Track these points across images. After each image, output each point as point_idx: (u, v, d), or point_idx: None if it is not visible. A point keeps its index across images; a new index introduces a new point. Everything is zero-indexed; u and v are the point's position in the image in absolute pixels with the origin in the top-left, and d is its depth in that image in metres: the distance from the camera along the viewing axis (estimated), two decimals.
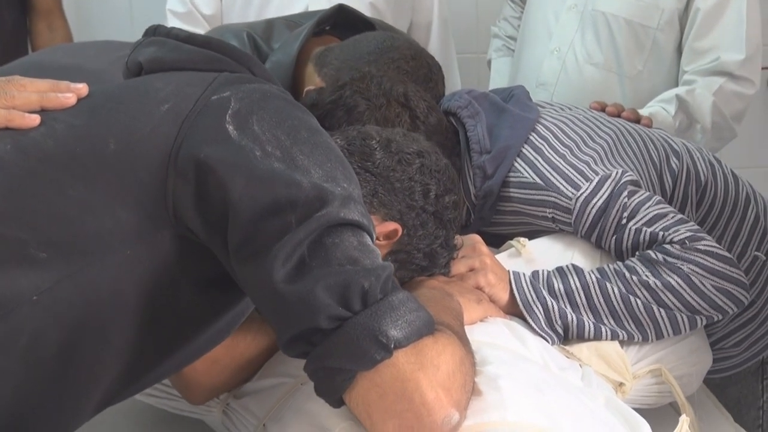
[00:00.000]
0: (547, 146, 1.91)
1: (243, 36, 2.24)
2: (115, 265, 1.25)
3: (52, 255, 1.22)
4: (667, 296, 1.76)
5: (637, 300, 1.76)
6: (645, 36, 2.60)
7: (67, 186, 1.25)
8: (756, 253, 2.12)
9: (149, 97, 1.31)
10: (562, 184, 1.86)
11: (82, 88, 1.34)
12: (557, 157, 1.89)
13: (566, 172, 1.87)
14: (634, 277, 1.77)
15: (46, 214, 1.24)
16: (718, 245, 1.80)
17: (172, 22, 2.79)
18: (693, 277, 1.76)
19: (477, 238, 1.83)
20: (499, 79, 2.92)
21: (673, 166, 2.04)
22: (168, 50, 1.40)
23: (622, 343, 1.79)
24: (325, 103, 1.81)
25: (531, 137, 1.94)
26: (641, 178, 1.93)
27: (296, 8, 2.72)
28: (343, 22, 2.28)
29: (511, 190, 1.92)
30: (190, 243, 1.28)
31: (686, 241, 1.78)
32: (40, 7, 2.93)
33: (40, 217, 1.24)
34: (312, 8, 2.68)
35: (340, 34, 2.27)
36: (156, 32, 1.44)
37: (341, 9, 2.27)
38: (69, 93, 1.33)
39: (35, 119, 1.30)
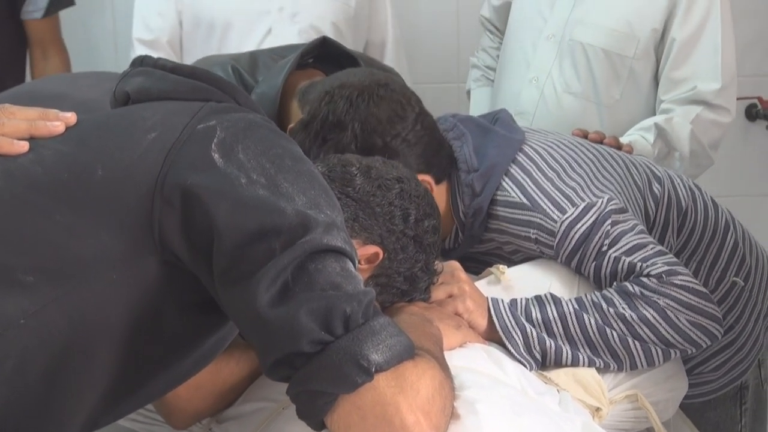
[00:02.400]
0: (535, 168, 1.93)
1: (228, 68, 2.26)
2: (101, 290, 1.26)
3: (39, 279, 1.24)
4: (642, 329, 1.78)
5: (613, 332, 1.78)
6: (622, 65, 2.62)
7: (55, 211, 1.26)
8: (734, 278, 2.14)
9: (136, 126, 1.33)
10: (548, 206, 1.88)
11: (71, 117, 1.36)
12: (545, 180, 1.91)
13: (553, 195, 1.89)
14: (611, 309, 1.79)
15: (34, 239, 1.25)
16: (694, 280, 1.83)
17: (139, 50, 2.83)
18: (668, 312, 1.78)
19: (456, 264, 1.85)
20: (478, 108, 2.92)
21: (656, 191, 2.06)
22: (155, 80, 1.42)
23: (598, 369, 1.80)
24: (318, 115, 1.86)
25: (518, 158, 1.96)
26: (627, 201, 1.95)
27: (258, 35, 2.77)
28: (327, 54, 2.30)
29: (498, 208, 1.94)
30: (176, 268, 1.30)
31: (663, 275, 1.80)
32: (34, 36, 2.94)
33: (27, 242, 1.25)
34: (275, 34, 2.73)
35: (324, 66, 2.30)
36: (143, 62, 1.46)
37: (325, 42, 2.30)
38: (57, 122, 1.35)
39: (24, 146, 1.31)
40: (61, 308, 1.24)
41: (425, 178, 1.88)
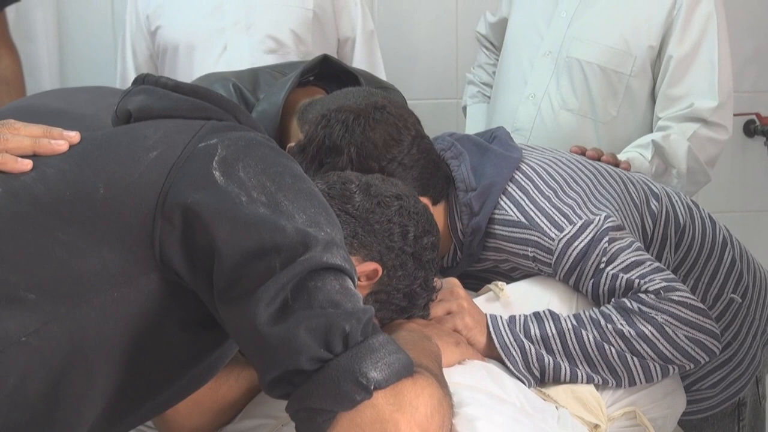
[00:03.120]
0: (532, 186, 1.94)
1: (229, 86, 2.27)
2: (102, 307, 1.27)
3: (41, 297, 1.24)
4: (640, 345, 1.79)
5: (612, 348, 1.79)
6: (618, 82, 2.62)
7: (57, 229, 1.27)
8: (732, 295, 2.15)
9: (138, 144, 1.34)
10: (546, 224, 1.89)
11: (74, 136, 1.37)
12: (542, 198, 1.92)
13: (551, 213, 1.90)
14: (609, 326, 1.79)
15: (36, 256, 1.26)
16: (692, 296, 1.83)
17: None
18: (666, 327, 1.79)
19: (455, 281, 1.86)
20: (474, 125, 2.93)
21: (653, 207, 2.07)
22: (156, 98, 1.42)
23: (597, 385, 1.81)
24: (315, 137, 1.86)
25: (516, 176, 1.96)
26: (625, 218, 1.96)
27: (215, 52, 2.79)
28: (327, 72, 2.31)
29: (495, 226, 1.95)
30: (176, 286, 1.30)
31: (661, 291, 1.80)
32: None
33: (29, 259, 1.26)
34: (231, 50, 2.77)
35: (325, 84, 2.31)
36: (145, 81, 1.47)
37: (326, 60, 2.31)
38: (61, 140, 1.35)
39: (27, 164, 1.32)
40: (63, 325, 1.25)
41: (422, 200, 1.88)
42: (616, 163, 2.30)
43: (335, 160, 1.83)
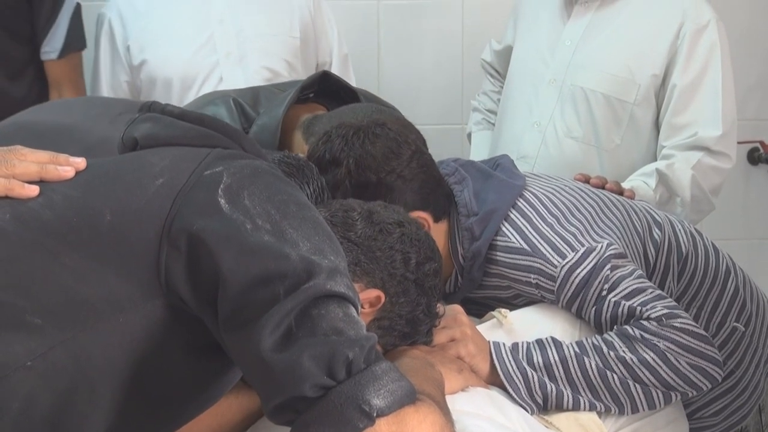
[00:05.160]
0: (535, 213, 1.95)
1: (230, 102, 2.28)
2: (107, 333, 1.28)
3: (47, 321, 1.25)
4: (643, 372, 1.79)
5: (614, 375, 1.79)
6: (622, 111, 2.63)
7: (64, 255, 1.28)
8: (735, 323, 2.15)
9: (144, 172, 1.35)
10: (548, 251, 1.90)
11: (80, 162, 1.38)
12: (545, 226, 1.93)
13: (553, 240, 1.91)
14: (612, 353, 1.80)
15: (42, 281, 1.27)
16: (694, 323, 1.84)
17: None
18: (669, 354, 1.79)
19: (458, 308, 1.87)
20: (479, 152, 2.94)
21: (656, 236, 2.07)
22: (163, 126, 1.44)
23: (599, 413, 1.81)
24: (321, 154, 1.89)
25: (518, 203, 1.97)
26: (627, 247, 1.97)
27: (210, 85, 2.81)
28: (327, 89, 2.32)
29: (498, 253, 1.95)
30: (182, 312, 1.31)
31: (663, 318, 1.81)
32: (52, 76, 2.99)
33: (36, 284, 1.27)
34: (226, 82, 2.79)
35: (325, 101, 2.32)
36: (151, 108, 1.48)
37: (325, 76, 2.32)
38: (68, 167, 1.37)
39: (34, 190, 1.33)
40: (68, 350, 1.26)
41: (422, 215, 1.90)
42: (620, 191, 2.30)
43: (334, 171, 1.85)
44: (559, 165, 2.62)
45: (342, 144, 1.88)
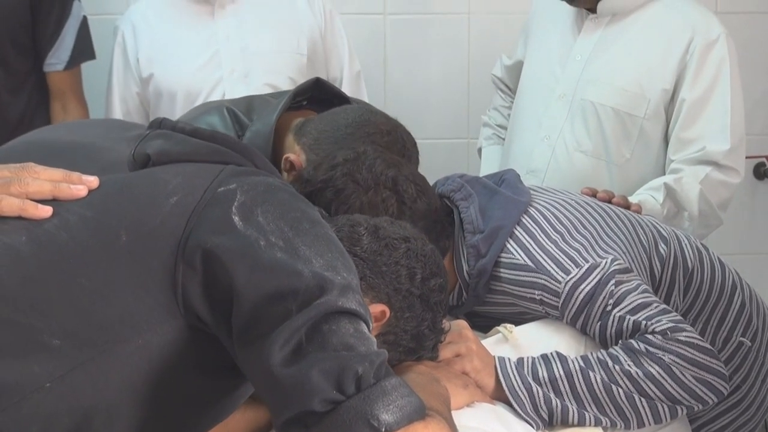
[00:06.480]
0: (539, 230, 1.95)
1: (223, 110, 2.28)
2: (126, 354, 1.28)
3: (66, 343, 1.25)
4: (648, 386, 1.79)
5: (620, 389, 1.79)
6: (632, 125, 2.64)
7: (81, 276, 1.28)
8: (741, 338, 2.15)
9: (158, 189, 1.35)
10: (552, 267, 1.90)
11: (93, 181, 1.38)
12: (549, 242, 1.93)
13: (557, 256, 1.91)
14: (617, 367, 1.80)
15: (60, 303, 1.27)
16: (699, 336, 1.84)
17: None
18: (674, 368, 1.79)
19: (463, 323, 1.87)
20: (489, 166, 2.94)
21: (662, 251, 2.07)
22: (175, 143, 1.44)
23: (605, 428, 1.81)
24: (316, 181, 1.86)
25: (523, 219, 1.98)
26: (633, 261, 1.97)
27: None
28: (319, 96, 2.33)
29: (502, 270, 1.95)
30: (199, 332, 1.32)
31: (668, 332, 1.81)
32: (54, 88, 3.01)
33: (54, 305, 1.27)
34: (230, 98, 2.79)
35: (317, 108, 2.32)
36: (161, 125, 1.49)
37: (318, 83, 2.32)
38: (81, 185, 1.36)
39: (48, 211, 1.33)
40: (87, 372, 1.26)
41: None
42: (627, 206, 2.30)
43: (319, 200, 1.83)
44: (568, 179, 2.63)
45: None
